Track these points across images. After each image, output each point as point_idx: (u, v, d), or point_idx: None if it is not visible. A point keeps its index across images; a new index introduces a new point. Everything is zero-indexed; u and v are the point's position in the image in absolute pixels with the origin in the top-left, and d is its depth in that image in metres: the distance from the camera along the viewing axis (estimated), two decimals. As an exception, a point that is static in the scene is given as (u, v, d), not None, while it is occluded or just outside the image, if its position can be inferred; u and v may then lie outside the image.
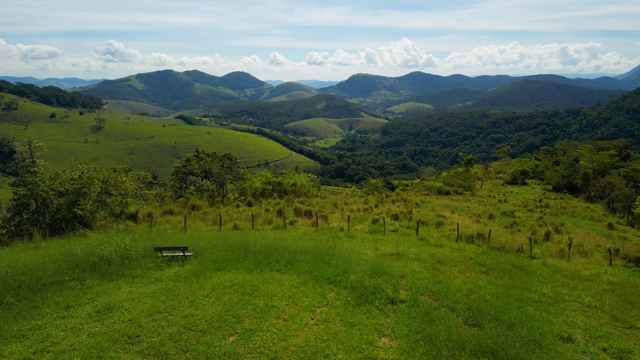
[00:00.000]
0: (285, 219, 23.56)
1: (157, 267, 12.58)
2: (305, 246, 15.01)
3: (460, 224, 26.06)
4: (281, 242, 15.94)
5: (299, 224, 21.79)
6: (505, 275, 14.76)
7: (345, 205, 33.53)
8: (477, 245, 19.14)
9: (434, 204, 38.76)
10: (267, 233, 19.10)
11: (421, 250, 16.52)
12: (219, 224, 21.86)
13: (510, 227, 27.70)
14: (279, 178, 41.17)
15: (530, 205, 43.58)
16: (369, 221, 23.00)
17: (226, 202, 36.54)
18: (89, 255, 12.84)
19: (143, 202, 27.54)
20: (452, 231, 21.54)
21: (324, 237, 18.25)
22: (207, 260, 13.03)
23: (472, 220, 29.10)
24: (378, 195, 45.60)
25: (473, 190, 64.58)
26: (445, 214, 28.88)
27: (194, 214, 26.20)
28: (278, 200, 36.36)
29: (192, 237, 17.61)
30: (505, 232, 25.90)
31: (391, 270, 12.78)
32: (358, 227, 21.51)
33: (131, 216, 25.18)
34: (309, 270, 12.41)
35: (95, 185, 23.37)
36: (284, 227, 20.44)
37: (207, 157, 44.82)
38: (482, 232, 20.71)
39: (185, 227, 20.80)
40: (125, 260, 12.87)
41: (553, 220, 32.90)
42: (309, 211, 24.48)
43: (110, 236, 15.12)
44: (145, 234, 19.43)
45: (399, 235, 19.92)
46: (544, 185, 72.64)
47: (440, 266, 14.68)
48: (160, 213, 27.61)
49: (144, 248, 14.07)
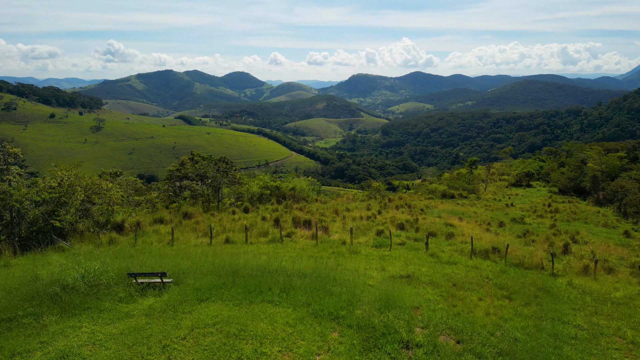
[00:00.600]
0: (282, 229, 21.75)
1: (130, 297, 10.74)
2: (303, 267, 13.20)
3: (470, 233, 24.26)
4: (276, 261, 14.13)
5: (297, 236, 19.96)
6: (531, 302, 12.96)
7: (346, 211, 31.72)
8: (494, 262, 17.32)
9: (439, 209, 36.96)
10: (261, 248, 17.28)
11: (433, 270, 14.69)
12: (210, 236, 20.04)
13: (524, 236, 25.89)
14: (277, 182, 39.35)
15: (539, 210, 41.79)
16: (373, 232, 21.17)
17: (222, 207, 34.74)
18: (51, 282, 11.03)
19: (131, 210, 25.71)
20: (464, 244, 19.72)
21: (324, 253, 16.42)
22: (189, 287, 11.19)
23: (482, 228, 27.29)
24: (380, 199, 43.80)
25: (478, 193, 62.78)
26: (453, 222, 27.07)
27: (185, 223, 24.38)
28: (276, 205, 34.56)
29: (177, 253, 15.80)
30: (518, 242, 24.08)
31: (403, 301, 10.94)
32: (362, 239, 19.68)
33: (117, 226, 23.35)
34: (306, 301, 10.57)
35: (77, 194, 21.55)
36: (280, 241, 18.60)
37: (203, 159, 42.99)
38: (497, 245, 18.87)
39: (173, 240, 18.96)
40: (94, 288, 11.06)
41: (567, 227, 31.08)
42: (308, 221, 22.66)
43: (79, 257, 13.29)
44: (128, 248, 17.62)
45: (406, 249, 18.09)
46: (549, 188, 70.87)
47: (457, 291, 12.87)
48: (150, 221, 25.79)
49: (117, 272, 12.24)
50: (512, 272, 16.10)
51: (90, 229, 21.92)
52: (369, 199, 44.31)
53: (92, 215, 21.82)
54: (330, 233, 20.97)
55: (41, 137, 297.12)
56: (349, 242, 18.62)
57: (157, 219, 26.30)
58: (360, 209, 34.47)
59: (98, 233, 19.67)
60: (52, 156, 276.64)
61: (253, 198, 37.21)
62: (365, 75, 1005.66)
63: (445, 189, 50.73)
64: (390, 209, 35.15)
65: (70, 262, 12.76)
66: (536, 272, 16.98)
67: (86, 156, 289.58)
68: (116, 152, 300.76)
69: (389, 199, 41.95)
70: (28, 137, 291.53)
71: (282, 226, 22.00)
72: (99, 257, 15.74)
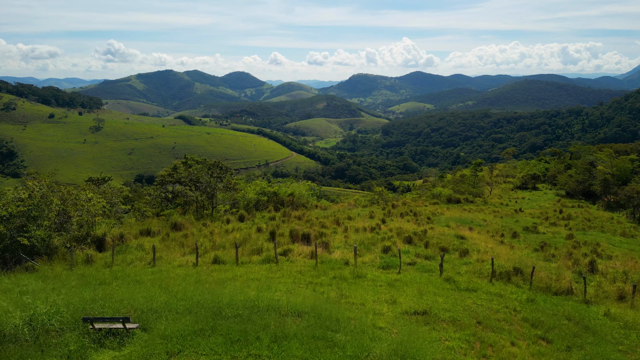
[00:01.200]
0: (278, 245, 19.63)
1: (82, 350, 8.61)
2: (300, 302, 11.08)
3: (484, 247, 22.18)
4: (268, 292, 12.03)
5: (295, 254, 17.83)
6: (572, 344, 10.87)
7: (348, 220, 29.61)
8: (517, 286, 15.22)
9: (446, 216, 34.85)
10: (253, 270, 15.14)
11: (452, 302, 12.57)
12: (196, 255, 17.94)
13: (541, 249, 23.79)
14: (275, 187, 37.22)
15: (550, 216, 39.69)
16: (378, 248, 19.04)
17: (216, 215, 32.64)
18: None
19: (114, 221, 23.59)
20: (480, 263, 17.61)
21: (324, 278, 14.29)
22: (159, 336, 9.04)
23: (496, 240, 25.19)
24: (384, 204, 41.68)
25: (483, 196, 60.67)
26: (464, 233, 24.95)
27: (172, 236, 22.25)
28: (274, 213, 32.45)
29: (155, 279, 13.68)
30: (537, 257, 21.97)
31: (423, 354, 8.81)
32: (366, 257, 17.56)
33: (97, 240, 21.23)
34: (303, 357, 8.44)
35: (52, 206, 19.45)
36: (275, 261, 16.47)
37: (197, 163, 40.89)
38: (518, 265, 16.77)
39: (155, 260, 16.83)
40: (41, 336, 8.98)
41: (584, 237, 28.97)
42: (307, 234, 20.55)
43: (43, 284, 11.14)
44: (102, 270, 15.55)
45: (417, 271, 15.97)
46: (556, 191, 68.76)
47: (484, 332, 10.78)
48: (136, 233, 23.69)
49: (76, 310, 10.15)
50: (541, 300, 13.98)
51: (67, 244, 19.83)
52: (372, 205, 42.20)
53: (68, 230, 19.69)
54: (331, 249, 18.85)
55: (40, 138, 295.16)
56: (353, 262, 16.50)
57: (144, 230, 24.21)
58: (362, 216, 32.35)
59: (71, 251, 17.56)
60: (51, 156, 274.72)
61: (249, 205, 35.11)
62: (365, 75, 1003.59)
63: (450, 194, 48.61)
64: (394, 216, 33.03)
65: (15, 300, 10.62)
66: (566, 298, 14.89)
67: (85, 156, 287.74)
68: (116, 153, 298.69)
69: (393, 205, 39.82)
70: (27, 138, 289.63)
71: (278, 241, 19.90)
72: (65, 283, 13.65)
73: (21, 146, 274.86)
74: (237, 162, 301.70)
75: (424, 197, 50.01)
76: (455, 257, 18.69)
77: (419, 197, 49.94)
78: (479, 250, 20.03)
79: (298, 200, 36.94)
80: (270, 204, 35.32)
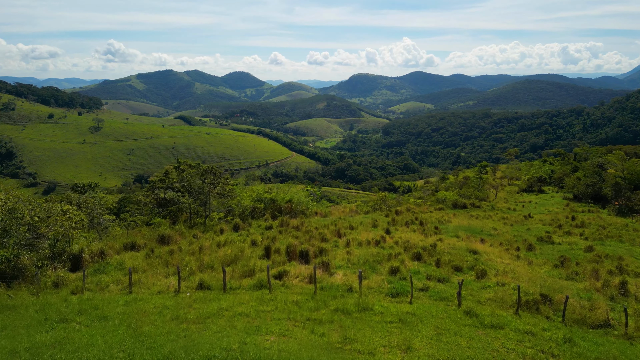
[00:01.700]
0: (274, 263, 17.63)
1: None
2: (294, 354, 8.99)
3: (500, 263, 20.16)
4: (256, 338, 9.88)
5: (291, 277, 15.79)
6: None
7: (350, 230, 27.60)
8: (548, 318, 13.19)
9: (454, 225, 32.83)
10: (241, 301, 13.05)
11: (478, 347, 10.51)
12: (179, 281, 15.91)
13: (562, 265, 21.75)
14: (273, 194, 35.21)
15: (563, 224, 37.65)
16: (385, 269, 16.99)
17: (209, 224, 30.63)
18: None
19: (94, 235, 21.57)
20: (501, 287, 15.58)
21: (325, 311, 12.23)
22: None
23: (511, 254, 23.14)
24: (387, 210, 39.69)
25: (489, 200, 58.69)
26: (476, 247, 22.91)
27: (158, 251, 20.20)
28: (270, 222, 30.47)
29: (124, 316, 11.61)
30: (558, 275, 19.92)
31: None
32: (372, 280, 15.53)
33: (73, 257, 19.21)
34: None
35: (22, 221, 17.43)
36: (268, 287, 14.41)
37: (190, 168, 38.82)
38: (546, 292, 14.73)
39: (131, 286, 14.76)
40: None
41: (604, 250, 26.93)
42: (305, 252, 18.51)
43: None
44: (63, 301, 13.51)
45: (432, 300, 13.94)
46: (563, 194, 66.70)
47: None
48: (119, 247, 21.65)
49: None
50: (579, 338, 11.91)
51: (38, 263, 17.81)
52: (374, 211, 40.21)
53: (38, 248, 17.65)
54: (332, 269, 16.80)
55: (39, 138, 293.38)
56: (357, 288, 14.44)
57: (128, 244, 22.17)
58: (365, 225, 30.35)
59: (37, 275, 15.52)
60: (50, 157, 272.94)
61: (245, 213, 33.09)
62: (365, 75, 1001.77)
63: (456, 198, 46.63)
64: (399, 225, 31.03)
65: None
66: (605, 332, 12.86)
67: (85, 157, 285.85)
68: (115, 153, 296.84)
69: (397, 212, 37.81)
70: (26, 138, 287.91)
71: (273, 259, 17.88)
72: (22, 319, 11.61)
73: (20, 146, 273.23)
74: (237, 163, 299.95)
75: (429, 202, 48.00)
76: (472, 279, 16.64)
77: (423, 202, 47.91)
78: (496, 269, 17.98)
79: (297, 207, 34.95)
80: (267, 212, 33.33)
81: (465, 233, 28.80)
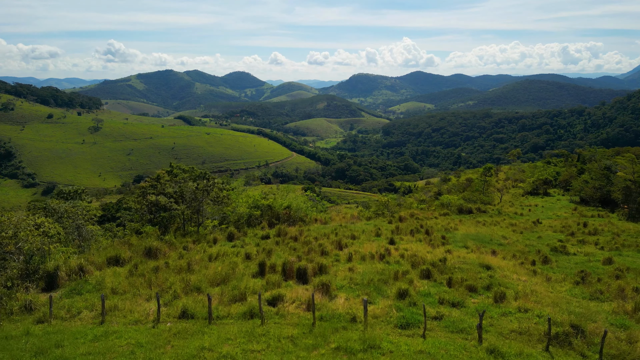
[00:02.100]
0: (268, 285, 15.89)
1: None
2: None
3: (516, 280, 18.44)
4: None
5: (287, 302, 14.02)
6: None
7: (351, 240, 25.86)
8: (582, 356, 11.44)
9: (461, 233, 31.09)
10: (228, 337, 11.28)
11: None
12: (165, 302, 14.16)
13: (582, 281, 19.98)
14: (270, 200, 33.42)
15: (575, 231, 35.88)
16: (392, 291, 15.21)
17: (202, 232, 28.91)
18: None
19: (73, 249, 19.81)
20: (523, 313, 13.86)
21: (324, 351, 10.45)
22: None
23: (527, 269, 21.40)
24: (390, 216, 37.96)
25: (494, 204, 56.96)
26: (488, 260, 21.13)
27: (142, 268, 18.43)
28: (267, 230, 28.73)
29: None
30: (581, 293, 18.16)
31: None
32: (378, 306, 13.78)
33: (48, 276, 17.46)
34: None
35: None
36: (260, 317, 12.64)
37: (183, 172, 37.12)
38: (575, 320, 12.98)
39: (104, 315, 12.99)
40: None
41: (624, 261, 25.15)
42: (303, 270, 16.76)
43: None
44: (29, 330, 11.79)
45: (448, 332, 12.18)
46: (570, 197, 64.96)
47: None
48: (102, 262, 19.90)
49: None
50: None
51: (9, 283, 16.08)
52: (377, 217, 38.47)
53: (6, 267, 15.89)
54: (333, 292, 15.04)
55: (39, 138, 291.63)
56: (361, 318, 12.68)
57: (112, 258, 20.40)
58: (368, 234, 28.62)
59: (1, 298, 13.77)
60: (49, 157, 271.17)
61: (240, 220, 31.35)
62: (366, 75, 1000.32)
63: (461, 203, 44.87)
64: (404, 234, 29.26)
65: None
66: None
67: (84, 157, 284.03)
68: (114, 153, 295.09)
69: (400, 218, 36.05)
70: (25, 138, 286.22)
71: (268, 279, 16.11)
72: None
73: (19, 147, 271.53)
74: (237, 163, 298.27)
75: (433, 206, 46.25)
76: (489, 302, 14.88)
77: (427, 206, 46.15)
78: (515, 290, 16.22)
79: (295, 213, 33.19)
80: (264, 219, 31.58)
81: (474, 243, 27.06)
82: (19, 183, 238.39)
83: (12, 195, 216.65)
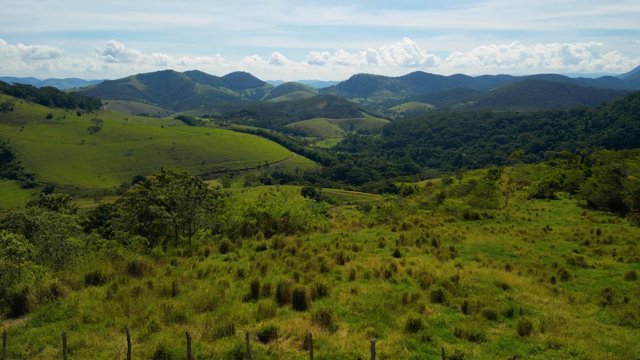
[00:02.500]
0: (261, 313, 14.03)
1: None
2: None
3: (537, 301, 16.64)
4: None
5: (281, 336, 12.17)
6: None
7: (354, 253, 24.01)
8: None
9: (470, 242, 29.24)
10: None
11: None
12: (141, 336, 12.31)
13: (609, 302, 18.12)
14: (267, 207, 31.55)
15: (589, 240, 33.92)
16: (403, 322, 13.34)
17: (194, 242, 27.09)
18: None
19: (46, 268, 17.99)
20: (554, 349, 12.05)
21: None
22: None
23: (546, 287, 19.52)
24: (393, 223, 36.10)
25: (499, 208, 55.08)
26: (504, 278, 19.24)
27: (122, 289, 16.58)
28: (264, 241, 26.89)
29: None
30: (609, 318, 16.29)
31: None
32: (388, 344, 11.94)
33: (15, 299, 15.61)
34: None
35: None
36: (249, 357, 10.79)
37: (175, 177, 35.27)
38: (613, 358, 11.14)
39: (65, 354, 11.14)
40: None
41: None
42: (301, 293, 14.91)
43: None
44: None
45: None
46: (577, 200, 63.12)
47: None
48: (80, 280, 18.06)
49: None
50: None
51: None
52: (379, 224, 36.60)
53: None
54: (334, 322, 13.19)
55: (38, 138, 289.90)
56: (368, 358, 10.82)
57: (92, 275, 18.54)
58: (370, 244, 26.78)
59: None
60: (48, 158, 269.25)
61: (235, 230, 29.51)
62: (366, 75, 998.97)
63: (468, 208, 43.01)
64: (409, 245, 27.38)
65: None
66: None
67: (83, 157, 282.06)
68: (114, 154, 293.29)
69: (404, 226, 34.19)
70: (25, 138, 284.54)
71: (261, 304, 14.24)
72: None
73: (18, 147, 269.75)
74: (236, 163, 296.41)
75: (438, 212, 44.38)
76: (512, 335, 13.02)
77: (432, 212, 44.27)
78: (541, 317, 14.37)
79: (293, 221, 31.32)
80: (260, 228, 29.73)
81: (485, 255, 25.20)
82: (18, 183, 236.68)
83: (11, 195, 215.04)
